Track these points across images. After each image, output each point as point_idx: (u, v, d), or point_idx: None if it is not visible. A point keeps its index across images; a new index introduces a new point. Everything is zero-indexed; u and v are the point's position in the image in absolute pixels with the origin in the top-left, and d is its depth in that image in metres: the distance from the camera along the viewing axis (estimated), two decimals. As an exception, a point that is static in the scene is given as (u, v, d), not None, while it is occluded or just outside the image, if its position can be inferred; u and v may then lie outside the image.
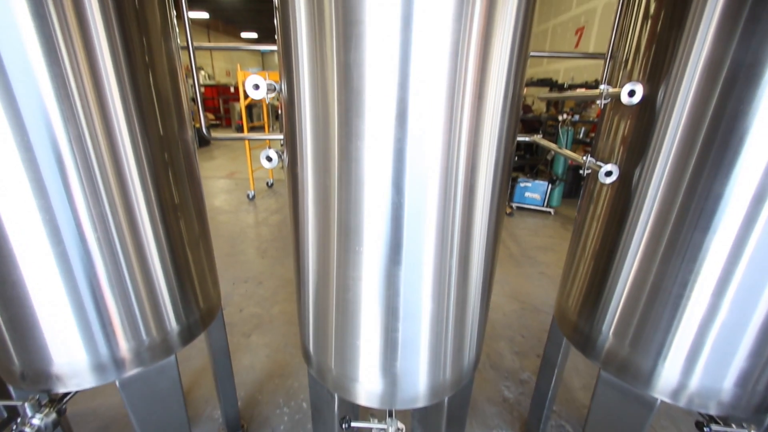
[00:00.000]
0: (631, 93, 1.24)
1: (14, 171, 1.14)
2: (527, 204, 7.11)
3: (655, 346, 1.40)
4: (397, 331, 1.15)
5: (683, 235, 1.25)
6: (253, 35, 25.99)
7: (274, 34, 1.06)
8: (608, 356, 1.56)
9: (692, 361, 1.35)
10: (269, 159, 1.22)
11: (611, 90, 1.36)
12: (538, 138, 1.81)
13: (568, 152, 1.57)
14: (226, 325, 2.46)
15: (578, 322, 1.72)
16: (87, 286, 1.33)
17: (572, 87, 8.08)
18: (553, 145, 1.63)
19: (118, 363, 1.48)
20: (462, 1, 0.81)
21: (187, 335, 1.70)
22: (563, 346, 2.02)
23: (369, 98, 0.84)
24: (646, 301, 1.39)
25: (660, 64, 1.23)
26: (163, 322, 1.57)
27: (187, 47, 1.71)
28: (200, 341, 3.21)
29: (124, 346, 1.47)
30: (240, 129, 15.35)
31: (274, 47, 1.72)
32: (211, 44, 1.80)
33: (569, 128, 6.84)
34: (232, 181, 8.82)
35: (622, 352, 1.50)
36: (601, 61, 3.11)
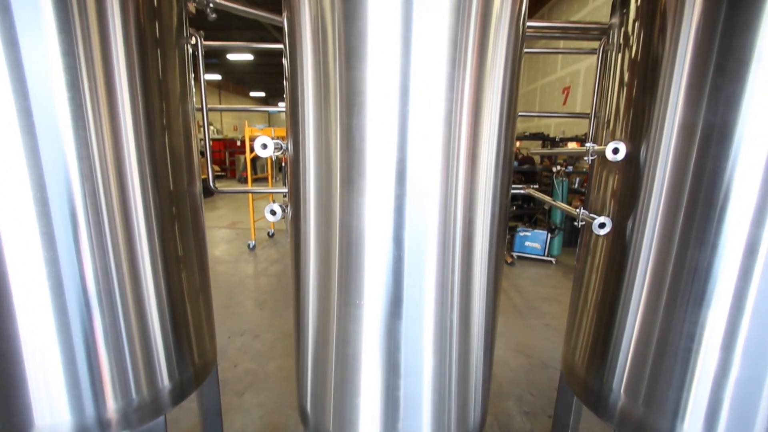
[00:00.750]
0: (615, 151, 1.33)
1: (28, 225, 1.18)
2: (528, 253, 7.10)
3: (671, 405, 1.33)
4: (398, 389, 1.11)
5: (683, 286, 1.25)
6: (261, 94, 27.81)
7: (281, 92, 1.16)
8: (622, 417, 1.48)
9: (711, 422, 1.28)
10: (273, 213, 1.27)
11: (597, 147, 1.45)
12: (533, 191, 1.88)
13: (562, 205, 1.62)
14: (219, 382, 2.35)
15: (587, 379, 1.65)
16: (82, 340, 1.30)
17: (563, 140, 8.48)
18: (547, 198, 1.69)
19: (103, 425, 1.40)
20: (454, 73, 0.90)
21: (179, 394, 1.63)
22: (574, 405, 1.91)
23: (370, 159, 0.91)
24: (655, 356, 1.35)
25: (639, 125, 1.32)
26: (155, 379, 1.51)
27: (202, 109, 1.85)
28: (190, 401, 3.04)
29: (111, 407, 1.40)
30: (244, 180, 15.80)
31: (280, 109, 1.86)
32: (224, 106, 1.95)
33: (564, 179, 7.05)
34: (233, 231, 8.90)
35: (637, 411, 1.42)
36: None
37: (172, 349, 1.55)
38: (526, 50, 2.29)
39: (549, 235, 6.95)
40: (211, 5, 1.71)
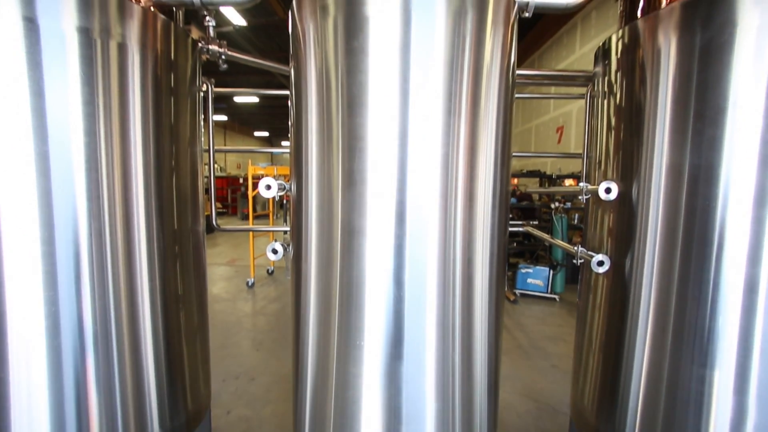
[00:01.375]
0: (608, 190, 1.37)
1: (32, 264, 1.19)
2: (530, 290, 6.98)
3: (686, 454, 1.26)
4: (399, 437, 1.06)
5: (687, 326, 1.24)
6: (265, 134, 28.75)
7: (284, 132, 1.23)
8: (637, 468, 1.39)
9: (731, 472, 1.21)
10: (275, 252, 1.29)
11: (590, 187, 1.50)
12: (531, 228, 1.91)
13: (560, 242, 1.64)
14: (211, 429, 2.23)
15: (598, 426, 1.57)
16: (73, 384, 1.26)
17: (560, 177, 8.64)
18: (545, 236, 1.71)
19: (86, 479, 1.32)
20: (450, 120, 0.96)
21: (169, 443, 1.55)
22: (586, 455, 1.80)
23: (370, 200, 0.94)
24: (667, 401, 1.31)
25: (629, 166, 1.38)
26: (145, 426, 1.44)
27: (209, 150, 1.93)
28: (179, 451, 2.85)
29: (98, 456, 1.33)
30: (245, 217, 15.91)
31: (284, 150, 1.93)
32: (230, 147, 2.03)
33: (562, 215, 7.11)
34: (232, 268, 8.83)
35: (651, 461, 1.35)
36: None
37: (165, 394, 1.50)
38: (518, 95, 2.42)
39: (551, 271, 6.89)
40: (223, 57, 1.85)
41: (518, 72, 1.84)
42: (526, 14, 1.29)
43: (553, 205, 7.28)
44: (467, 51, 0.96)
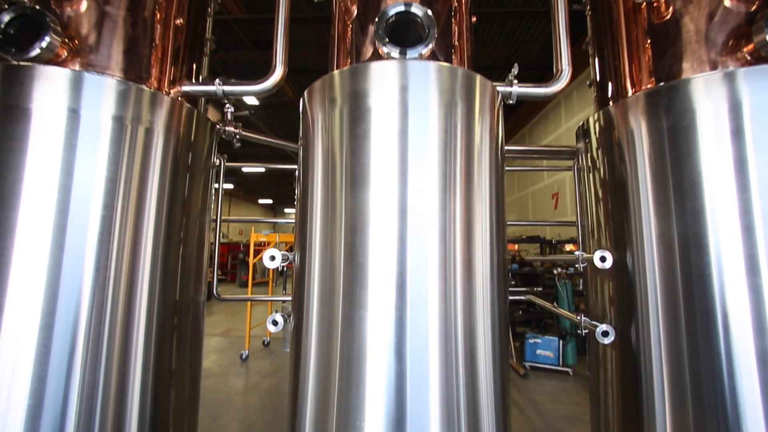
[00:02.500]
0: (602, 259, 1.40)
1: (27, 339, 1.17)
2: (541, 363, 6.57)
3: None
4: None
5: (707, 403, 1.17)
6: (269, 201, 29.64)
7: (287, 200, 1.29)
8: None
9: None
10: (275, 323, 1.28)
11: (585, 255, 1.53)
12: (533, 297, 1.89)
13: (563, 312, 1.62)
14: None
15: None
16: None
17: (560, 242, 8.70)
18: (547, 304, 1.70)
19: None
20: (445, 197, 1.04)
21: None
22: None
23: (372, 272, 0.97)
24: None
25: (620, 236, 1.43)
26: None
27: (216, 220, 2.01)
28: None
29: None
30: (244, 284, 15.64)
31: (288, 220, 2.00)
32: (237, 217, 2.11)
33: (566, 281, 6.99)
34: (226, 339, 8.44)
35: None
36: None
37: (144, 484, 1.36)
38: (510, 168, 2.57)
39: (561, 342, 6.55)
40: (238, 136, 2.03)
41: (508, 148, 2.00)
42: (510, 101, 1.46)
43: (555, 271, 7.21)
44: (459, 136, 1.08)
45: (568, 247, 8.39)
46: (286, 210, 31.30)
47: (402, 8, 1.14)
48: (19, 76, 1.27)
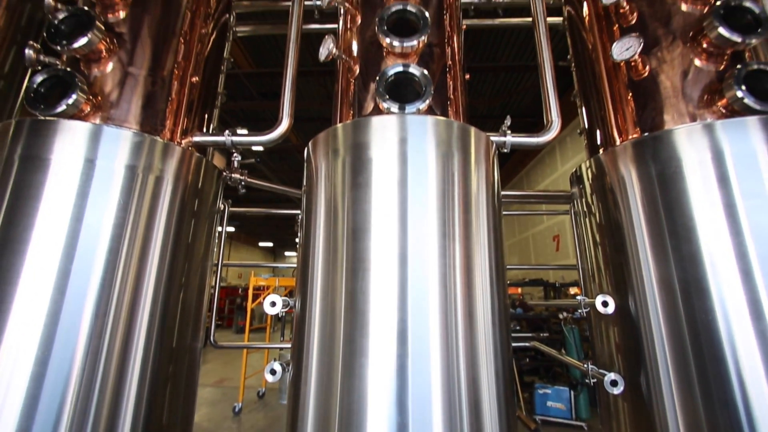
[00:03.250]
0: (605, 304, 1.39)
1: (16, 390, 1.14)
2: (553, 416, 6.16)
3: None
4: None
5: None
6: (269, 244, 29.58)
7: (288, 243, 1.31)
8: None
9: None
10: (273, 372, 1.24)
11: (587, 300, 1.52)
12: (538, 344, 1.84)
13: (569, 359, 1.58)
14: None
15: None
16: None
17: (563, 285, 8.55)
18: (553, 352, 1.65)
19: None
20: (445, 243, 1.06)
21: None
22: None
23: (373, 318, 0.97)
24: None
25: (621, 280, 1.43)
26: None
27: (218, 264, 2.01)
28: None
29: None
30: (240, 330, 15.14)
31: (289, 265, 2.00)
32: (239, 262, 2.12)
33: (573, 326, 6.76)
34: (219, 390, 8.00)
35: None
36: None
37: None
38: (507, 212, 2.61)
39: (572, 392, 6.19)
40: (243, 183, 2.10)
41: (505, 193, 2.06)
42: (505, 150, 1.54)
43: (561, 316, 7.01)
44: (456, 184, 1.13)
45: (573, 290, 8.23)
46: (287, 253, 31.15)
47: (401, 69, 1.25)
48: (43, 129, 1.36)
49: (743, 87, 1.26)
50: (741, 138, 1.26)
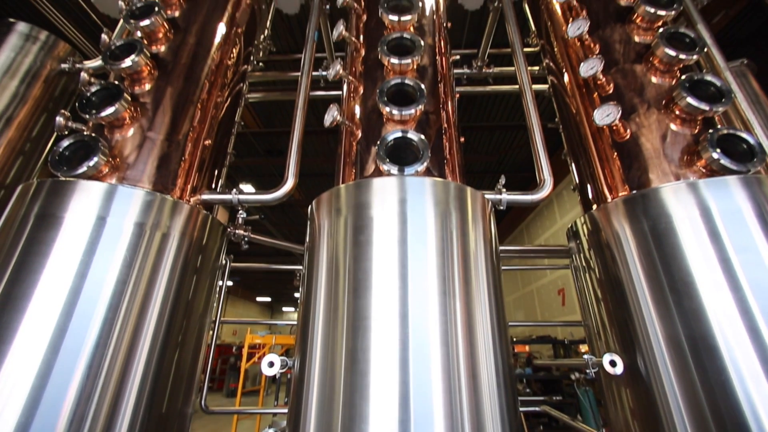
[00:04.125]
0: (612, 363, 1.34)
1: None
2: (573, 494, 5.52)
3: None
4: None
5: None
6: (267, 299, 28.84)
7: (286, 298, 1.30)
8: None
9: None
10: (268, 441, 1.17)
11: (595, 360, 1.47)
12: (548, 408, 1.74)
13: (584, 427, 1.48)
14: None
15: None
16: None
17: (573, 343, 8.17)
18: (565, 417, 1.56)
19: None
20: (445, 301, 1.07)
21: None
22: None
23: (374, 381, 0.94)
24: None
25: (627, 338, 1.40)
26: None
27: (215, 321, 1.97)
28: None
29: None
30: (232, 393, 14.17)
31: (290, 322, 1.97)
32: (238, 319, 2.08)
33: (587, 388, 6.35)
34: (205, 462, 7.27)
35: None
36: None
37: None
38: (509, 267, 2.60)
39: (591, 464, 5.61)
40: (246, 239, 2.14)
41: (504, 248, 2.08)
42: (501, 207, 1.59)
43: (573, 377, 6.60)
44: (455, 242, 1.16)
45: (583, 347, 7.84)
46: (285, 309, 30.26)
47: (399, 134, 1.35)
48: (62, 189, 1.43)
49: (718, 150, 1.35)
50: (725, 196, 1.32)
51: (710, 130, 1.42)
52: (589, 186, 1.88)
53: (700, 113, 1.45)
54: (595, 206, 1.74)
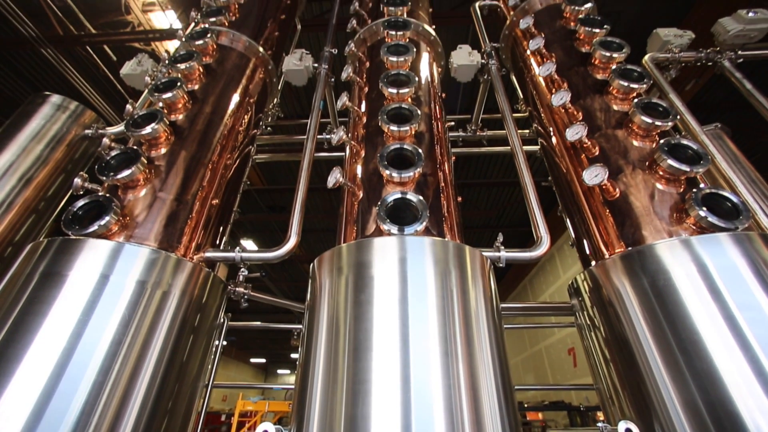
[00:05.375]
0: (629, 432, 1.26)
1: None
2: None
3: None
4: None
5: None
6: (262, 360, 27.33)
7: (282, 359, 1.25)
8: None
9: None
10: None
11: (610, 428, 1.38)
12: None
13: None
14: None
15: None
16: None
17: (589, 409, 7.58)
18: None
19: None
20: (448, 362, 1.04)
21: None
22: None
23: (374, 452, 0.89)
24: None
25: (642, 403, 1.33)
26: None
27: (208, 385, 1.88)
28: None
29: None
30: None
31: (286, 386, 1.88)
32: (232, 383, 1.99)
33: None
34: None
35: None
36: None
37: None
38: (513, 326, 2.54)
39: None
40: (246, 297, 2.12)
41: (507, 305, 2.06)
42: (500, 264, 1.61)
43: (591, 449, 6.03)
44: (455, 301, 1.16)
45: (601, 415, 7.28)
46: (280, 371, 28.53)
47: (399, 196, 1.42)
48: (70, 247, 1.47)
49: (704, 208, 1.41)
50: (719, 253, 1.35)
51: (694, 190, 1.49)
52: (585, 242, 1.92)
53: (682, 174, 1.54)
54: (593, 262, 1.76)
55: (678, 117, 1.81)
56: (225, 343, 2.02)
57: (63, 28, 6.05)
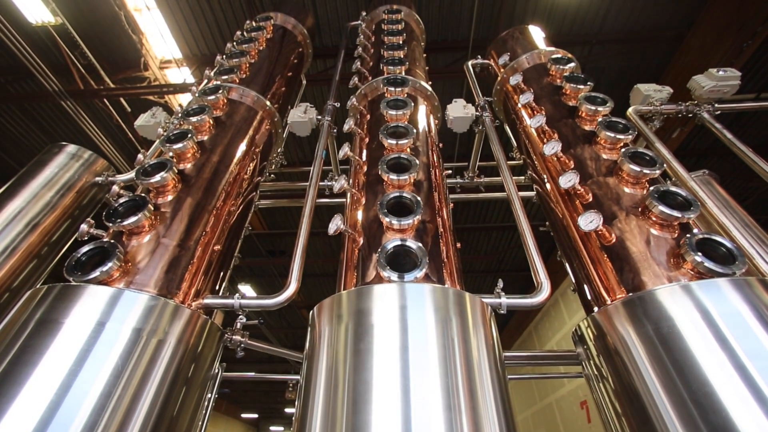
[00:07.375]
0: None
1: None
2: None
3: None
4: None
5: None
6: (254, 416, 25.56)
7: (275, 415, 1.19)
8: None
9: None
10: None
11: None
12: None
13: None
14: None
15: None
16: None
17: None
18: None
19: None
20: (451, 416, 1.00)
21: None
22: None
23: None
24: None
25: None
26: None
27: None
28: None
29: None
30: None
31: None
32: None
33: None
34: None
35: None
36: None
37: None
38: (518, 376, 2.44)
39: None
40: (242, 345, 2.06)
41: (510, 354, 1.99)
42: (501, 311, 1.59)
43: None
44: (457, 350, 1.14)
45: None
46: (272, 428, 26.58)
47: (399, 243, 1.45)
48: (69, 294, 1.46)
49: (699, 253, 1.43)
50: (720, 298, 1.35)
51: (688, 235, 1.52)
52: (586, 287, 1.91)
53: (674, 219, 1.58)
54: (596, 308, 1.74)
55: (665, 165, 1.89)
56: (217, 396, 1.93)
57: (84, 83, 6.48)
